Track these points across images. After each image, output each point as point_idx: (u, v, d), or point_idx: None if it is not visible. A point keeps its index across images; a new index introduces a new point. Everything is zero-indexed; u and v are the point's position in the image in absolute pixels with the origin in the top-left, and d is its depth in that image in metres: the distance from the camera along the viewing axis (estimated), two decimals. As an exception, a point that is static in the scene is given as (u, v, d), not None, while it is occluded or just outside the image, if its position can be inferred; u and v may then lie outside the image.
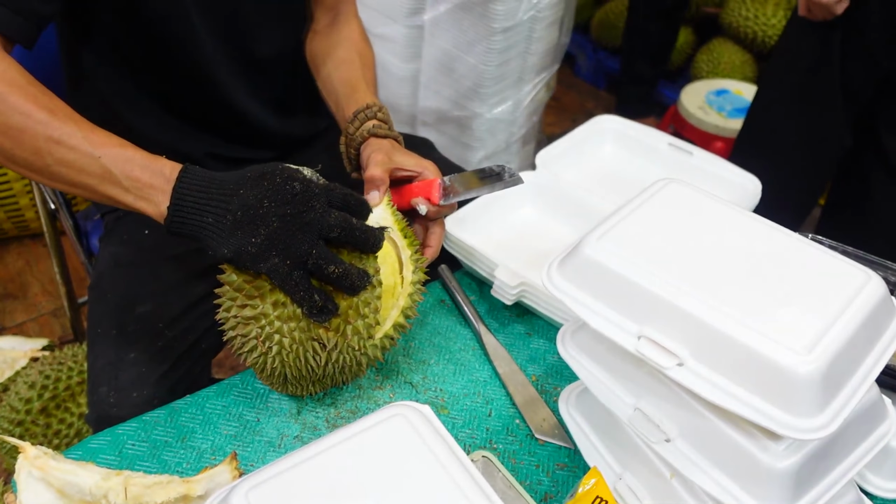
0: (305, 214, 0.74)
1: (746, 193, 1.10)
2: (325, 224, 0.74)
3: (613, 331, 0.68)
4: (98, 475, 0.73)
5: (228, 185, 0.76)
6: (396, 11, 1.85)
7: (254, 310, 0.76)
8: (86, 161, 0.76)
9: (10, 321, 2.04)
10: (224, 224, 0.74)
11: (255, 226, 0.73)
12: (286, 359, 0.78)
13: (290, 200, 0.74)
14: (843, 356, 0.62)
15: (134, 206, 0.78)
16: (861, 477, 0.80)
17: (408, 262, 0.89)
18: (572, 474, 0.83)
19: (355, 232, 0.76)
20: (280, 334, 0.76)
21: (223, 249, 0.74)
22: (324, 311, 0.75)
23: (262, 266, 0.73)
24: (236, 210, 0.74)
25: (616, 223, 0.72)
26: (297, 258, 0.73)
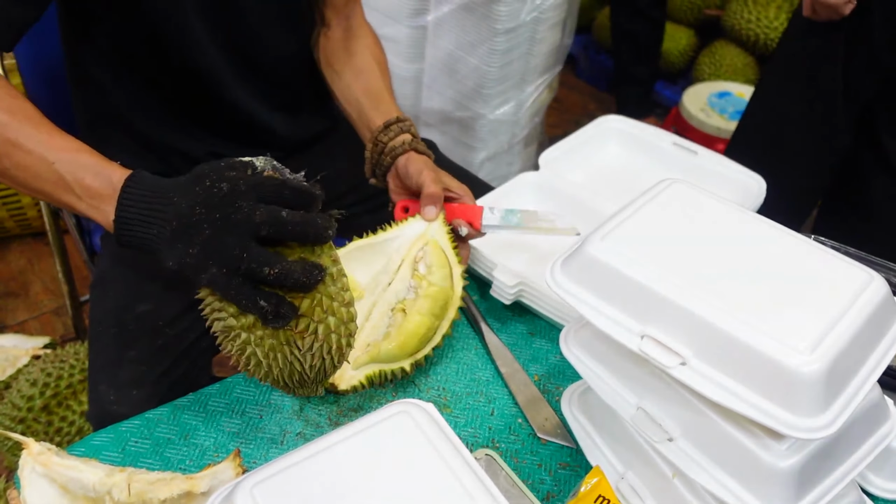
0: (233, 216, 0.69)
1: (751, 193, 1.10)
2: (253, 224, 0.68)
3: (617, 330, 0.69)
4: (101, 471, 0.73)
5: (168, 194, 0.72)
6: (400, 12, 1.85)
7: (222, 322, 0.72)
8: (41, 166, 0.75)
9: (11, 319, 2.04)
10: (164, 236, 0.71)
11: (190, 235, 0.70)
12: (269, 367, 0.72)
13: (218, 204, 0.69)
14: (846, 356, 0.62)
15: (86, 214, 0.76)
16: (862, 478, 0.81)
17: (458, 278, 0.92)
18: (574, 473, 0.83)
19: (287, 226, 0.69)
20: (250, 345, 0.71)
21: (167, 262, 0.71)
22: (278, 315, 0.68)
23: (203, 278, 0.69)
24: (172, 220, 0.71)
25: (620, 223, 0.72)
26: (231, 264, 0.68)
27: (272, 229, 0.69)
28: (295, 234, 0.70)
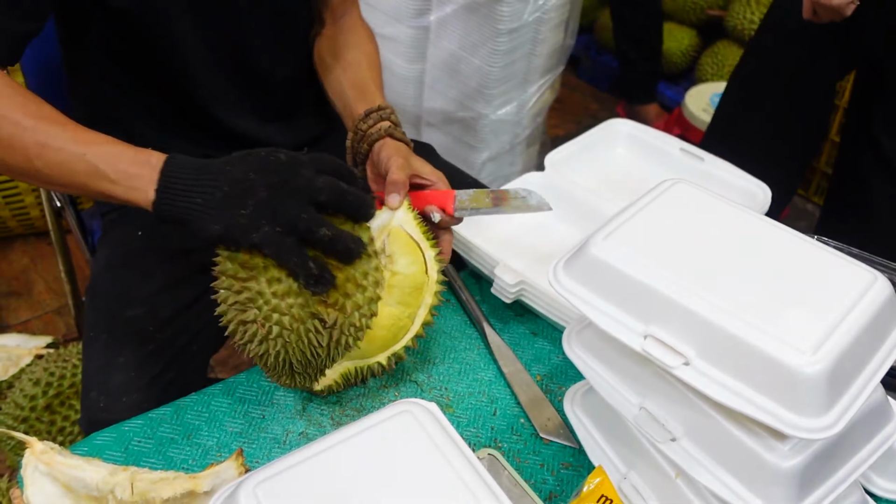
0: (293, 181, 0.75)
1: (756, 200, 1.10)
2: (314, 187, 0.75)
3: (619, 330, 0.69)
4: (104, 471, 0.73)
5: (215, 166, 0.77)
6: (402, 12, 1.85)
7: (250, 291, 0.75)
8: (73, 160, 0.78)
9: (14, 319, 2.05)
10: (213, 202, 0.75)
11: (243, 198, 0.74)
12: (288, 339, 0.75)
13: (276, 170, 0.75)
14: (849, 356, 0.62)
15: (125, 198, 0.78)
16: (865, 478, 0.80)
17: (432, 262, 0.90)
18: (577, 473, 0.83)
19: (346, 196, 0.76)
20: (279, 312, 0.75)
21: (213, 226, 0.74)
22: (321, 280, 0.74)
23: (254, 236, 0.73)
24: (223, 186, 0.75)
25: (622, 223, 0.72)
26: (288, 223, 0.73)
27: (332, 196, 0.76)
28: (349, 206, 0.77)
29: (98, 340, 0.98)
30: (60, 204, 1.43)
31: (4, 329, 2.01)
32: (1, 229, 2.21)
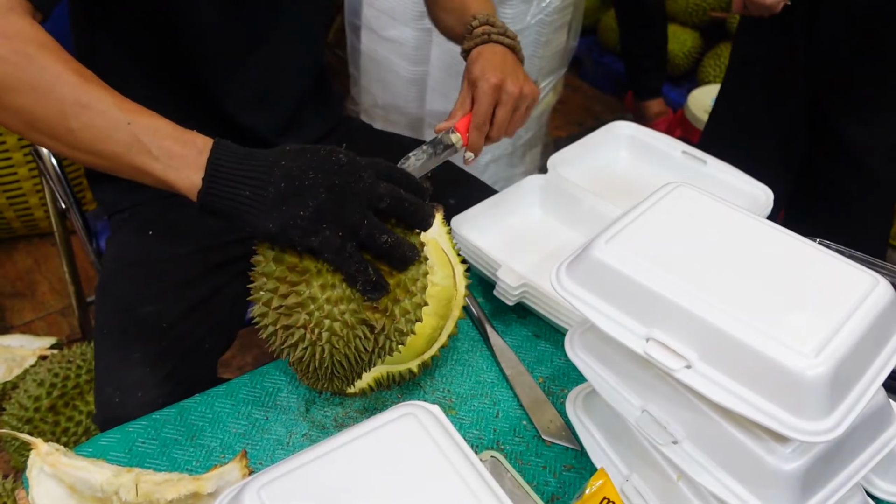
0: (354, 185, 0.71)
1: (758, 203, 1.10)
2: (375, 193, 0.72)
3: (622, 333, 0.69)
4: (109, 472, 0.74)
5: (267, 158, 0.73)
6: (405, 14, 1.86)
7: (299, 296, 0.72)
8: (114, 127, 0.73)
9: (18, 319, 2.05)
10: (265, 197, 0.71)
11: (302, 197, 0.70)
12: (336, 345, 0.74)
13: (337, 171, 0.72)
14: (851, 360, 0.62)
15: (162, 177, 0.74)
16: (867, 481, 0.81)
17: (461, 277, 0.91)
18: (579, 475, 0.83)
19: (404, 203, 0.74)
20: (330, 318, 0.73)
21: (266, 224, 0.71)
22: (377, 286, 0.72)
23: (312, 240, 0.70)
24: (279, 181, 0.71)
25: (625, 226, 0.73)
26: (350, 229, 0.70)
27: (392, 203, 0.73)
28: (409, 213, 0.74)
29: (111, 338, 0.99)
30: (65, 205, 1.44)
31: (8, 330, 2.01)
32: (5, 230, 2.21)
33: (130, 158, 0.73)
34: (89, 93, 0.73)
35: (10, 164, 2.04)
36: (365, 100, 2.07)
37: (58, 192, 1.42)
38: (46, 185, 1.47)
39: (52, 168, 1.33)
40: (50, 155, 1.32)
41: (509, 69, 1.01)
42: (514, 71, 1.02)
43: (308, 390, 0.91)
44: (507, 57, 1.04)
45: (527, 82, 1.02)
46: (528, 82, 1.02)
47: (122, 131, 0.73)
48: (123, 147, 0.73)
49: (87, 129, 0.73)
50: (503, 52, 1.04)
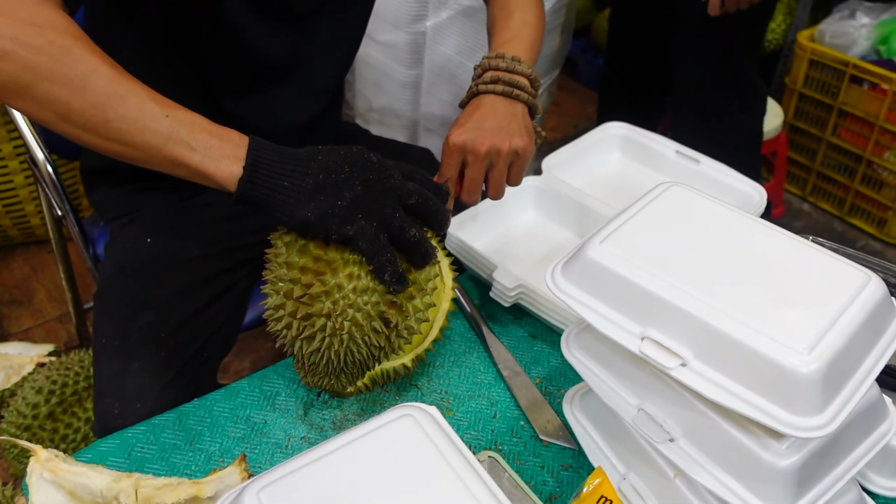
0: (386, 181, 0.76)
1: (751, 201, 1.10)
2: (405, 190, 0.77)
3: (617, 332, 0.69)
4: (109, 477, 0.74)
5: (301, 153, 0.77)
6: (399, 18, 1.86)
7: (325, 285, 0.75)
8: (152, 119, 0.73)
9: (16, 327, 2.05)
10: (303, 188, 0.74)
11: (340, 189, 0.74)
12: (354, 335, 0.77)
13: (371, 168, 0.77)
14: (844, 356, 0.62)
15: (200, 168, 0.75)
16: (863, 476, 0.81)
17: (447, 270, 0.92)
18: (577, 475, 0.84)
19: (430, 202, 0.78)
20: (355, 308, 0.76)
21: (304, 213, 0.74)
22: (402, 279, 0.76)
23: (349, 228, 0.74)
24: (318, 173, 0.75)
25: (619, 226, 0.73)
26: (383, 220, 0.75)
27: (419, 200, 0.77)
28: (432, 212, 0.79)
29: (111, 347, 0.99)
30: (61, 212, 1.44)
31: (6, 338, 2.01)
32: (2, 238, 2.22)
33: (169, 149, 0.74)
34: (125, 85, 0.74)
35: (7, 171, 2.05)
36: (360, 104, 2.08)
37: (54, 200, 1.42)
38: (42, 193, 1.47)
39: (48, 175, 1.33)
40: (46, 162, 1.32)
41: (490, 124, 0.92)
42: (498, 125, 0.92)
43: (306, 393, 0.91)
44: (496, 108, 0.94)
45: (512, 137, 0.92)
46: (514, 137, 0.92)
47: (159, 123, 0.74)
48: (161, 138, 0.74)
49: (123, 120, 0.73)
50: (491, 102, 0.94)
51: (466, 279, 1.09)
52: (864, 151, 2.31)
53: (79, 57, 0.73)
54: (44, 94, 0.72)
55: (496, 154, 0.92)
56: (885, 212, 2.35)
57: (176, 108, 0.76)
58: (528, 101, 0.97)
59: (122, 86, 0.74)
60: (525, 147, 0.93)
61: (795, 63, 2.41)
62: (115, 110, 0.73)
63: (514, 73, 0.96)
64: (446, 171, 0.93)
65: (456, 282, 0.95)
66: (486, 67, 0.97)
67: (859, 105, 2.28)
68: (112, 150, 0.76)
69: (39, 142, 1.31)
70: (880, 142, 2.28)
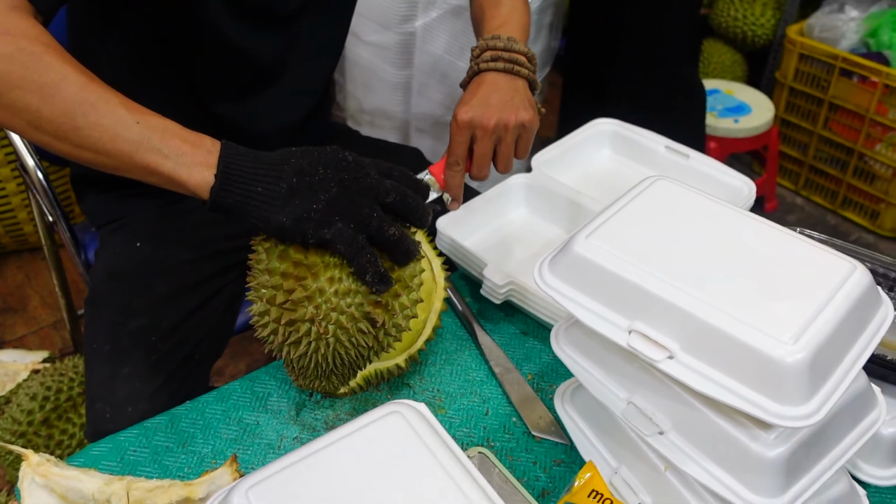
0: (362, 180, 0.75)
1: (741, 195, 1.11)
2: (382, 189, 0.75)
3: (604, 326, 0.70)
4: (100, 480, 0.74)
5: (274, 157, 0.75)
6: (388, 19, 1.86)
7: (306, 290, 0.74)
8: (123, 126, 0.73)
9: (10, 335, 2.05)
10: (277, 192, 0.73)
11: (314, 191, 0.73)
12: (340, 338, 0.76)
13: (346, 167, 0.75)
14: (830, 345, 0.63)
15: (172, 175, 0.74)
16: (853, 465, 0.81)
17: (438, 270, 0.93)
18: (569, 469, 0.84)
19: (408, 199, 0.77)
20: (338, 311, 0.75)
21: (279, 218, 0.73)
22: (384, 279, 0.74)
23: (325, 232, 0.72)
24: (291, 177, 0.73)
25: (605, 220, 0.73)
26: (361, 221, 0.73)
27: (397, 198, 0.76)
28: (411, 209, 0.77)
29: (101, 352, 0.99)
30: (52, 219, 1.44)
31: (1, 345, 2.01)
32: (-5, 246, 2.22)
33: (140, 157, 0.74)
34: (96, 92, 0.73)
35: (-2, 179, 2.05)
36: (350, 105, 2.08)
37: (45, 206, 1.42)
38: (33, 199, 1.47)
39: (39, 181, 1.33)
40: (36, 168, 1.32)
41: (490, 98, 0.94)
42: (500, 99, 0.94)
43: (298, 394, 0.91)
44: (498, 83, 0.95)
45: (517, 111, 0.93)
46: (520, 110, 0.93)
47: (130, 130, 0.73)
48: (132, 146, 0.73)
49: (94, 128, 0.73)
50: (492, 79, 0.96)
51: (457, 277, 1.09)
52: (856, 144, 2.32)
53: (49, 64, 0.72)
54: (14, 102, 0.72)
55: (504, 128, 0.93)
56: (878, 204, 2.36)
57: (148, 114, 0.75)
58: (529, 77, 0.98)
59: (93, 93, 0.73)
60: (531, 119, 0.95)
61: (785, 58, 2.42)
62: (86, 118, 0.73)
63: (513, 51, 0.97)
64: (456, 148, 0.93)
65: (448, 281, 0.95)
66: (485, 48, 0.98)
67: (850, 98, 2.29)
68: (84, 159, 0.76)
69: (30, 148, 1.31)
70: (871, 134, 2.28)
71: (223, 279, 1.09)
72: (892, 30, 2.23)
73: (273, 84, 1.07)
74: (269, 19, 1.00)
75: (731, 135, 2.33)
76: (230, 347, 1.14)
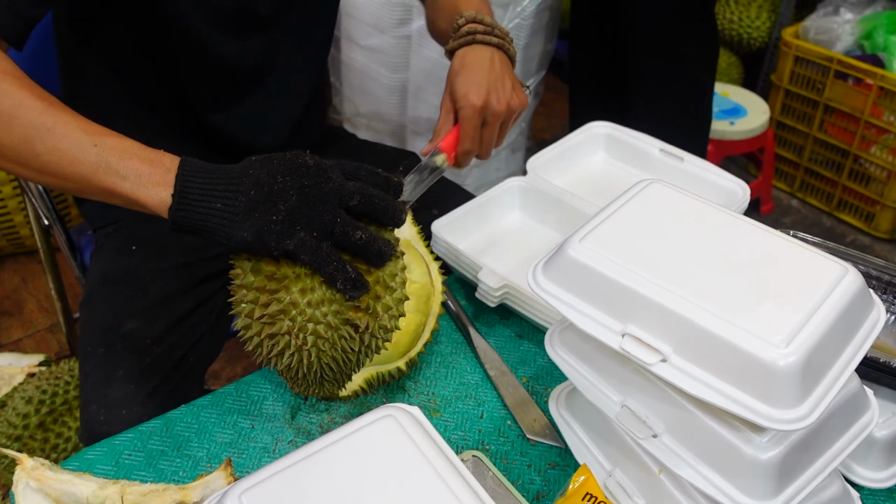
0: (323, 185, 0.72)
1: (735, 198, 1.11)
2: (345, 192, 0.72)
3: (598, 329, 0.70)
4: (95, 484, 0.74)
5: (234, 170, 0.73)
6: (384, 22, 1.87)
7: (280, 303, 0.72)
8: (80, 149, 0.73)
9: (6, 338, 2.05)
10: (237, 207, 0.71)
11: (273, 202, 0.70)
12: (322, 348, 0.74)
13: (305, 173, 0.72)
14: (822, 348, 0.63)
15: (132, 197, 0.73)
16: (847, 468, 0.82)
17: (436, 274, 0.92)
18: (564, 473, 0.84)
19: (374, 199, 0.73)
20: (314, 322, 0.73)
21: (241, 233, 0.70)
22: (357, 284, 0.72)
23: (288, 243, 0.70)
24: (249, 189, 0.71)
25: (598, 224, 0.73)
26: (324, 228, 0.70)
27: (362, 200, 0.72)
28: (379, 210, 0.74)
29: (96, 354, 0.99)
30: (48, 222, 1.44)
31: (-3, 349, 2.01)
32: (-9, 249, 2.21)
33: (98, 179, 0.73)
34: (53, 117, 0.74)
35: (-6, 182, 2.05)
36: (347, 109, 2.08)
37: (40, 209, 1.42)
38: (29, 202, 1.47)
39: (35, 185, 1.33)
40: (31, 172, 1.32)
41: (494, 80, 0.97)
42: (501, 81, 0.98)
43: (294, 397, 0.91)
44: (494, 62, 0.99)
45: (514, 93, 0.98)
46: (515, 93, 0.99)
47: (88, 153, 0.73)
48: (90, 168, 0.73)
49: (52, 153, 0.73)
50: (489, 56, 0.99)
51: (453, 280, 1.09)
52: (851, 146, 2.33)
53: (5, 91, 0.73)
54: None
55: (509, 113, 0.97)
56: (873, 206, 2.37)
57: (107, 135, 0.74)
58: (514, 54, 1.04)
59: (51, 117, 0.73)
60: (525, 104, 1.00)
61: (781, 60, 2.42)
62: (44, 143, 0.72)
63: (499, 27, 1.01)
64: (472, 132, 0.95)
65: (444, 285, 0.96)
66: (471, 19, 1.00)
67: (845, 100, 2.29)
68: (48, 183, 0.76)
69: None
70: (866, 136, 2.29)
71: (218, 283, 1.09)
72: (886, 32, 2.24)
73: (259, 88, 1.07)
74: (248, 23, 1.00)
75: (727, 137, 2.34)
76: (226, 350, 1.14)
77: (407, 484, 0.58)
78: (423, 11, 1.76)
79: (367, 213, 0.74)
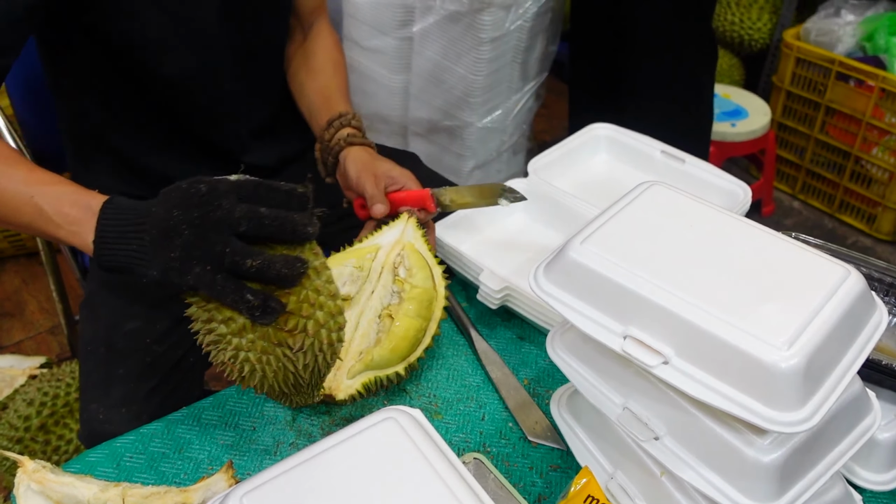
0: (212, 214, 0.70)
1: (737, 199, 1.11)
2: (233, 218, 0.69)
3: (599, 332, 0.70)
4: (96, 487, 0.74)
5: (148, 207, 0.73)
6: (386, 24, 1.87)
7: (212, 333, 0.72)
8: (20, 201, 0.78)
9: (7, 340, 2.05)
10: (144, 247, 0.72)
11: (171, 238, 0.70)
12: (264, 372, 0.72)
13: (197, 203, 0.71)
14: (824, 350, 0.63)
15: (67, 242, 0.78)
16: (849, 470, 0.82)
17: (439, 278, 0.93)
18: (565, 475, 0.84)
19: (265, 220, 0.70)
20: (242, 350, 0.71)
21: (151, 272, 0.72)
22: (266, 310, 0.69)
23: (188, 279, 0.70)
24: (151, 228, 0.72)
25: (600, 226, 0.73)
26: (214, 260, 0.69)
27: (251, 224, 0.70)
28: (273, 230, 0.70)
29: (96, 354, 1.00)
30: (50, 224, 1.44)
31: (-2, 351, 2.01)
32: (-8, 251, 2.22)
33: (40, 227, 0.79)
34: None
35: (-4, 184, 2.05)
36: (348, 110, 2.08)
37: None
38: (31, 205, 1.47)
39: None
40: (33, 174, 1.32)
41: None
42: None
43: (295, 400, 0.91)
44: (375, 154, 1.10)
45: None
46: None
47: (27, 205, 0.78)
48: (31, 217, 0.79)
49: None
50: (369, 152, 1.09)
51: (454, 283, 1.09)
52: (853, 148, 2.32)
53: None
54: None
55: None
56: (875, 208, 2.37)
57: (45, 183, 0.79)
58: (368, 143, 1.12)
59: None
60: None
61: (782, 62, 2.42)
62: None
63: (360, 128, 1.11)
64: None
65: (448, 290, 0.96)
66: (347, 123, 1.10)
67: (846, 102, 2.29)
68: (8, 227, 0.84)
69: (26, 154, 1.31)
70: (868, 138, 2.29)
71: None
72: (888, 34, 2.24)
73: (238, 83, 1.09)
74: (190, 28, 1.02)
75: (729, 139, 2.33)
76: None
77: (408, 486, 0.58)
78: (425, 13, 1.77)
79: (262, 236, 0.71)
